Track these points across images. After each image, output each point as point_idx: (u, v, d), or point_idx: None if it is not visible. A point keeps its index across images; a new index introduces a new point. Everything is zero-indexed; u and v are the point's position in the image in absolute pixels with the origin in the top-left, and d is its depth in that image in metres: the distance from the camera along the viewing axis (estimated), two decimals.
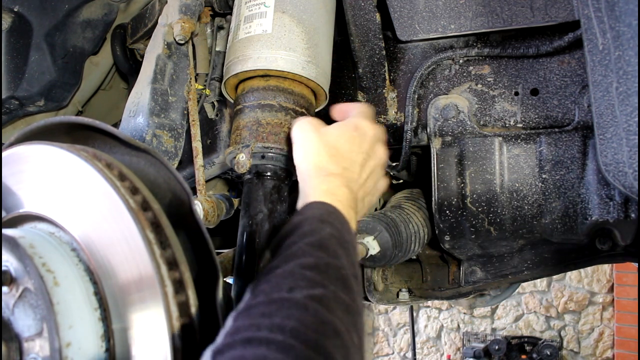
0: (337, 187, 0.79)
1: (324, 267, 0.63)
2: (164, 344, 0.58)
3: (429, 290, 1.45)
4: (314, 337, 0.53)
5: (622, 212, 1.02)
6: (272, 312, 0.55)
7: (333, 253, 0.66)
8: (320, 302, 0.58)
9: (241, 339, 0.52)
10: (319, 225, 0.69)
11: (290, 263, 0.63)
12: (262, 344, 0.51)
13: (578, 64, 1.05)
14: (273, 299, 0.57)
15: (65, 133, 0.76)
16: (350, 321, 0.60)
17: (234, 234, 0.98)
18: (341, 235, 0.70)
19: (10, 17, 1.24)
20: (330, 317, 0.57)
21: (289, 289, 0.59)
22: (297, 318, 0.55)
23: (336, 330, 0.57)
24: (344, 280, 0.64)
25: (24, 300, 0.59)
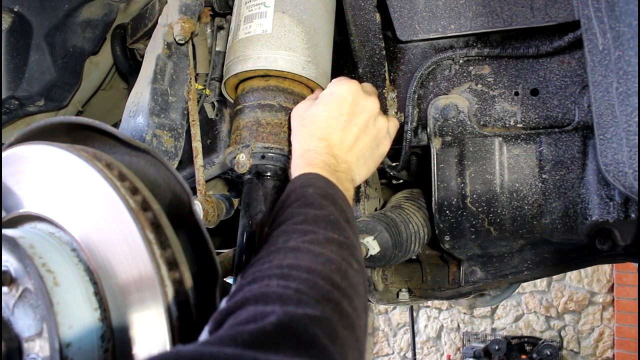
0: (314, 159, 0.85)
1: (312, 219, 0.70)
2: (164, 345, 0.58)
3: (429, 290, 1.45)
4: (308, 265, 0.60)
5: (622, 212, 1.02)
6: (271, 259, 0.62)
7: (318, 205, 0.73)
8: (312, 243, 0.65)
9: (247, 282, 0.58)
10: (301, 190, 0.76)
11: (283, 225, 0.70)
12: (264, 278, 0.57)
13: (578, 64, 1.05)
14: (271, 250, 0.65)
15: (65, 133, 0.76)
16: (345, 252, 0.67)
17: (234, 234, 0.98)
18: (324, 191, 0.77)
19: (10, 17, 1.24)
20: (323, 250, 0.64)
21: (284, 241, 0.66)
22: (292, 257, 0.62)
23: (329, 259, 0.63)
24: (333, 223, 0.71)
25: (24, 300, 0.59)
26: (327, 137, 0.88)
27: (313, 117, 0.90)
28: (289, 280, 0.56)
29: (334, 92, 0.91)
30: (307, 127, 0.90)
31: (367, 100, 0.93)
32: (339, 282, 0.60)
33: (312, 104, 0.93)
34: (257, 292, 0.54)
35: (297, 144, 0.90)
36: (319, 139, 0.88)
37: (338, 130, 0.89)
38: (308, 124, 0.90)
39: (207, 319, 0.62)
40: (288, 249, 0.64)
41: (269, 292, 0.54)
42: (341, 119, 0.89)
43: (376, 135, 0.94)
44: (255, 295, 0.54)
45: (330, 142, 0.88)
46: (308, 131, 0.89)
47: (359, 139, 0.91)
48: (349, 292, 0.61)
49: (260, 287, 0.55)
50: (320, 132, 0.88)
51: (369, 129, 0.93)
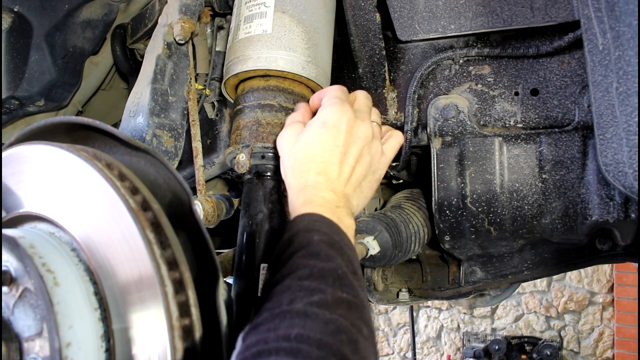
0: (314, 195, 0.81)
1: (318, 274, 0.65)
2: (164, 344, 0.58)
3: (429, 290, 1.45)
4: (318, 337, 0.56)
5: (622, 212, 1.02)
6: (277, 325, 0.58)
7: (325, 257, 0.68)
8: (320, 306, 0.60)
9: (252, 354, 0.54)
10: (306, 236, 0.72)
11: (287, 279, 0.66)
12: (271, 354, 0.54)
13: (578, 64, 1.05)
14: (275, 314, 0.60)
15: (65, 133, 0.76)
16: (354, 316, 0.63)
17: (234, 234, 0.98)
18: (330, 238, 0.72)
19: (10, 17, 1.24)
20: (332, 317, 0.59)
21: (289, 302, 0.61)
22: (300, 325, 0.57)
23: (339, 327, 0.59)
24: (341, 280, 0.66)
25: (24, 300, 0.59)
26: (325, 171, 0.83)
27: (306, 148, 0.85)
28: (299, 358, 0.53)
29: (327, 122, 0.85)
30: (301, 160, 0.84)
31: (360, 127, 0.87)
32: (350, 357, 0.57)
33: (300, 132, 0.87)
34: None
35: (293, 179, 0.85)
36: (316, 173, 0.83)
37: (335, 164, 0.84)
38: (302, 157, 0.85)
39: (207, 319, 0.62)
40: (295, 313, 0.59)
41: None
42: (337, 150, 0.84)
43: (371, 162, 0.90)
44: None
45: (328, 176, 0.83)
46: (303, 165, 0.84)
47: (355, 169, 0.86)
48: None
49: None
50: (317, 166, 0.83)
51: (363, 157, 0.88)
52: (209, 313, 0.62)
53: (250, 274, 0.92)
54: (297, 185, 0.84)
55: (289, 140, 0.88)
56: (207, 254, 0.65)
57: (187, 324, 0.59)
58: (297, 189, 0.83)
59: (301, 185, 0.83)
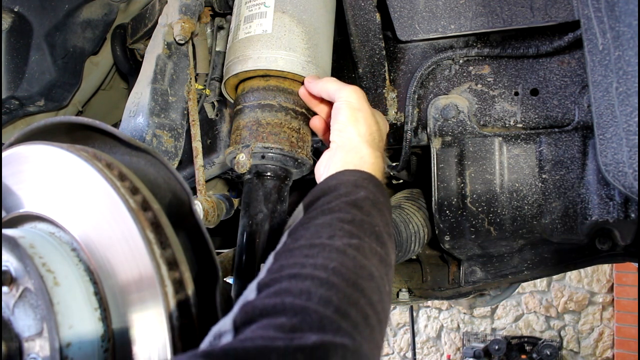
0: (378, 157, 0.85)
1: (359, 223, 0.68)
2: (164, 344, 0.58)
3: (429, 290, 1.45)
4: (353, 277, 0.58)
5: (622, 212, 1.02)
6: (314, 254, 0.60)
7: (367, 212, 0.71)
8: (358, 250, 0.63)
9: (287, 275, 0.56)
10: (354, 189, 0.74)
11: (328, 216, 0.68)
12: (307, 279, 0.55)
13: (578, 64, 1.05)
14: (314, 244, 0.62)
15: (65, 133, 0.76)
16: (383, 270, 0.65)
17: (234, 234, 0.98)
18: (375, 198, 0.75)
19: (10, 17, 1.24)
20: (367, 263, 0.62)
21: (329, 237, 0.63)
22: (338, 260, 0.59)
23: (372, 275, 0.61)
24: (377, 235, 0.69)
25: (24, 300, 0.59)
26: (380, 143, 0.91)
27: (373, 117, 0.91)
28: (332, 291, 0.54)
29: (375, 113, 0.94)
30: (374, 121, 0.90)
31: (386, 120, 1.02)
32: (377, 304, 0.59)
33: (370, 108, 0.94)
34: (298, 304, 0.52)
35: (368, 128, 0.87)
36: (380, 140, 0.90)
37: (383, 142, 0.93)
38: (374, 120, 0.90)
39: (207, 319, 0.62)
40: (334, 248, 0.62)
41: (310, 310, 0.51)
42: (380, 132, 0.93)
43: None
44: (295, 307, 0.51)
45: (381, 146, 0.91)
46: (376, 126, 0.89)
47: None
48: (382, 317, 0.60)
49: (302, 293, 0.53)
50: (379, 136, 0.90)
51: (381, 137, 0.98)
52: (209, 313, 0.62)
53: (250, 274, 0.92)
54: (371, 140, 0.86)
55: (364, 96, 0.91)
56: (207, 254, 0.65)
57: (187, 323, 0.60)
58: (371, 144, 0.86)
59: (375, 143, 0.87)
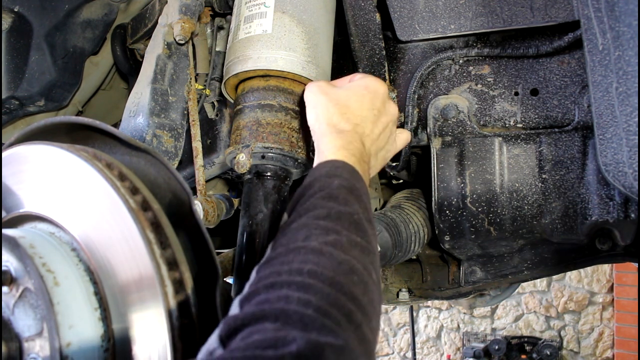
0: (349, 142, 0.81)
1: (335, 215, 0.66)
2: (164, 344, 0.58)
3: (429, 290, 1.45)
4: (330, 275, 0.57)
5: (622, 212, 1.02)
6: (290, 259, 0.59)
7: (343, 201, 0.69)
8: (335, 246, 0.62)
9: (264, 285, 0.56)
10: (327, 180, 0.72)
11: (304, 217, 0.67)
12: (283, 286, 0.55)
13: (578, 64, 1.05)
14: (290, 249, 0.61)
15: (65, 133, 0.76)
16: (366, 260, 0.64)
17: (234, 234, 0.98)
18: (350, 184, 0.73)
19: (10, 17, 1.24)
20: (346, 257, 0.61)
21: (305, 238, 0.62)
22: (314, 261, 0.58)
23: (352, 268, 0.60)
24: (356, 224, 0.67)
25: (24, 300, 0.59)
26: (361, 124, 0.86)
27: (346, 100, 0.87)
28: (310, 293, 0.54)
29: (368, 86, 0.90)
30: (341, 106, 0.86)
31: (391, 104, 0.93)
32: (360, 298, 0.58)
33: (338, 88, 0.90)
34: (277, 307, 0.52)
35: (327, 121, 0.84)
36: (354, 123, 0.85)
37: (369, 122, 0.87)
38: (342, 104, 0.86)
39: (207, 319, 0.62)
40: (309, 249, 0.61)
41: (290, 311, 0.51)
42: (372, 112, 0.88)
43: (389, 138, 0.94)
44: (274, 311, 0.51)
45: (362, 129, 0.86)
46: (342, 110, 0.85)
47: (380, 136, 0.90)
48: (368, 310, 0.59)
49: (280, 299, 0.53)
50: (355, 117, 0.86)
51: (387, 129, 0.92)
52: (209, 313, 0.62)
53: (250, 274, 0.92)
54: (332, 127, 0.84)
55: (325, 87, 0.89)
56: (207, 254, 0.65)
57: (187, 323, 0.60)
58: (332, 131, 0.83)
59: (338, 129, 0.83)
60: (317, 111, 0.86)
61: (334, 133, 0.82)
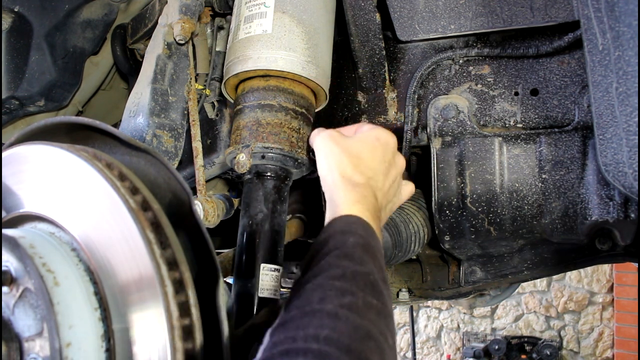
0: (364, 197, 0.80)
1: (351, 276, 0.65)
2: (164, 344, 0.58)
3: (429, 290, 1.45)
4: (347, 342, 0.55)
5: (622, 212, 1.02)
6: (306, 323, 0.58)
7: (359, 260, 0.68)
8: (351, 309, 0.60)
9: (279, 352, 0.54)
10: (342, 238, 0.71)
11: (319, 277, 0.65)
12: (299, 354, 0.53)
13: (578, 64, 1.05)
14: (305, 312, 0.60)
15: (65, 133, 0.76)
16: (382, 324, 0.62)
17: (234, 234, 0.98)
18: (366, 242, 0.72)
19: (11, 17, 1.24)
20: (362, 322, 0.59)
21: (320, 300, 0.61)
22: (330, 326, 0.57)
23: (369, 334, 0.59)
24: (372, 285, 0.66)
25: (24, 300, 0.59)
26: (374, 178, 0.85)
27: (358, 151, 0.86)
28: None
29: (380, 137, 0.89)
30: (352, 158, 0.84)
31: (400, 156, 0.93)
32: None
33: (349, 138, 0.89)
34: None
35: (339, 169, 0.83)
36: (367, 177, 0.83)
37: (381, 175, 0.86)
38: (352, 156, 0.84)
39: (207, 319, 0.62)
40: (325, 313, 0.59)
41: None
42: (384, 165, 0.88)
43: (397, 191, 0.93)
44: None
45: (374, 183, 0.84)
46: (353, 162, 0.84)
47: (390, 189, 0.89)
48: None
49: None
50: (368, 171, 0.84)
51: (396, 182, 0.92)
52: (209, 313, 0.62)
53: (250, 274, 0.92)
54: (346, 180, 0.82)
55: (336, 136, 0.87)
56: (207, 254, 0.65)
57: (187, 324, 0.59)
58: (346, 184, 0.81)
59: (352, 182, 0.82)
60: (330, 161, 0.84)
61: (348, 186, 0.81)
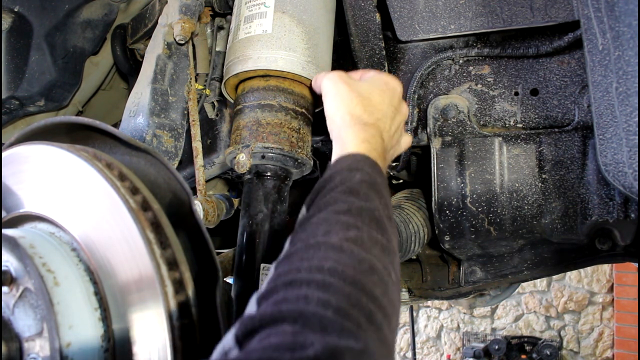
0: (372, 136, 0.80)
1: (356, 211, 0.65)
2: (164, 344, 0.58)
3: (429, 290, 1.45)
4: (351, 274, 0.56)
5: (622, 212, 1.02)
6: (310, 255, 0.58)
7: (364, 196, 0.67)
8: (356, 243, 0.60)
9: (283, 283, 0.54)
10: (348, 174, 0.70)
11: (324, 211, 0.65)
12: (302, 284, 0.53)
13: (578, 64, 1.05)
14: (310, 244, 0.60)
15: (66, 133, 0.76)
16: (386, 259, 0.62)
17: (234, 234, 0.98)
18: (372, 179, 0.71)
19: (11, 17, 1.24)
20: (367, 256, 0.59)
21: (325, 233, 0.61)
22: (334, 258, 0.57)
23: (373, 267, 0.59)
24: (377, 221, 0.66)
25: (24, 300, 0.59)
26: (382, 119, 0.84)
27: (368, 93, 0.85)
28: (330, 293, 0.52)
29: (388, 82, 0.89)
30: (361, 98, 0.83)
31: (404, 104, 0.93)
32: (381, 298, 0.56)
33: (358, 80, 0.89)
34: (296, 308, 0.50)
35: (348, 109, 0.82)
36: (376, 118, 0.83)
37: (388, 118, 0.86)
38: (362, 97, 0.84)
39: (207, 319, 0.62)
40: (330, 245, 0.59)
41: (309, 313, 0.50)
42: (391, 109, 0.87)
43: (400, 138, 0.93)
44: (293, 312, 0.50)
45: (383, 124, 0.84)
46: (362, 102, 0.83)
47: (394, 134, 0.89)
48: (388, 310, 0.57)
49: (299, 299, 0.51)
50: (377, 112, 0.84)
51: (400, 128, 0.91)
52: (209, 313, 0.62)
53: (250, 274, 0.92)
54: (356, 119, 0.81)
55: (345, 77, 0.87)
56: (207, 254, 0.65)
57: (187, 323, 0.60)
58: (355, 122, 0.81)
59: (362, 120, 0.81)
60: (338, 100, 0.84)
61: (357, 125, 0.80)
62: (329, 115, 0.85)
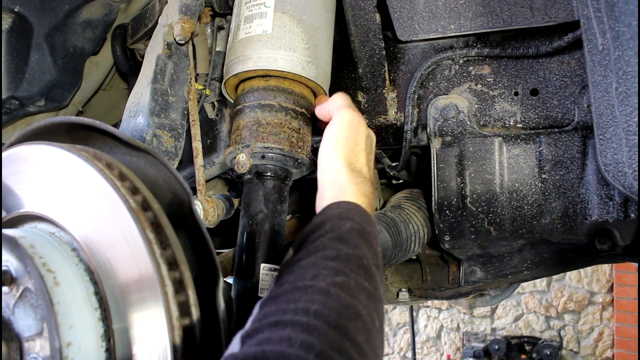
0: (364, 184, 0.83)
1: (344, 257, 0.66)
2: (164, 344, 0.58)
3: (429, 290, 1.45)
4: (336, 319, 0.56)
5: (621, 212, 1.02)
6: (297, 297, 0.59)
7: (354, 244, 0.69)
8: (342, 288, 0.61)
9: (268, 323, 0.55)
10: (339, 222, 0.72)
11: (313, 256, 0.66)
12: (287, 326, 0.54)
13: (578, 64, 1.05)
14: (297, 287, 0.61)
15: (66, 133, 0.76)
16: (372, 306, 0.63)
17: (234, 234, 0.98)
18: (362, 228, 0.73)
19: (11, 17, 1.24)
20: (352, 301, 0.60)
21: (312, 277, 0.62)
22: (321, 302, 0.58)
23: (358, 313, 0.60)
24: (365, 269, 0.67)
25: (24, 300, 0.59)
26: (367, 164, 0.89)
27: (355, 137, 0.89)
28: (314, 336, 0.53)
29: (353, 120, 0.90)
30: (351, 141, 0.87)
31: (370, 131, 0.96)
32: (363, 345, 0.57)
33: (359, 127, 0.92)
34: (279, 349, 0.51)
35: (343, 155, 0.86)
36: (369, 167, 0.87)
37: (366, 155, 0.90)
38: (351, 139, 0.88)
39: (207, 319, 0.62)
40: (317, 289, 0.60)
41: (292, 355, 0.50)
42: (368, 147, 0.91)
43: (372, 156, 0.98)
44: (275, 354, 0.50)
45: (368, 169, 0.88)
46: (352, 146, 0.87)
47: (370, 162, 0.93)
48: (370, 358, 0.58)
49: (282, 341, 0.52)
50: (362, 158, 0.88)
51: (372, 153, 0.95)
52: (209, 313, 0.62)
53: (250, 274, 0.92)
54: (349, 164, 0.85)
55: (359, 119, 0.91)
56: (207, 254, 0.65)
57: (187, 323, 0.60)
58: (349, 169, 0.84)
59: (354, 167, 0.85)
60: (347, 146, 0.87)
61: (358, 177, 0.84)
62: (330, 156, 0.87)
